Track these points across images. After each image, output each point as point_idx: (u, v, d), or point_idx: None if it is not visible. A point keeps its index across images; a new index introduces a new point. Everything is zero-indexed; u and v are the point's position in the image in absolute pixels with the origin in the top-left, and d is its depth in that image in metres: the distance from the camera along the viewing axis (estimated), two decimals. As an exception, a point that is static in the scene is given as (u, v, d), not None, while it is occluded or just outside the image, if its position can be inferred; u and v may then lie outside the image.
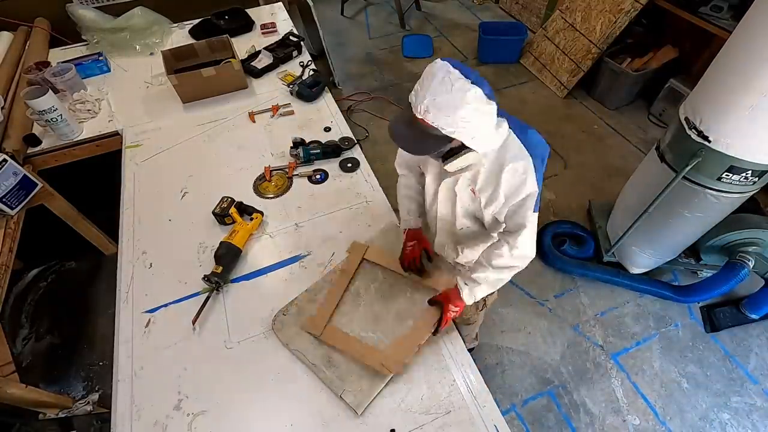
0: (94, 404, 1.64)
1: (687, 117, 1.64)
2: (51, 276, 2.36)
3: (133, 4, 2.33)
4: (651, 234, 2.03)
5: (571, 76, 3.37)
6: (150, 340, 1.22)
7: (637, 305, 2.24)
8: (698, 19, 2.62)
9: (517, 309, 2.23)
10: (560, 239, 2.41)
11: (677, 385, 1.97)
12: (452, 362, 1.14)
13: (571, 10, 3.36)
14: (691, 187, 1.71)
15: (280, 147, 1.74)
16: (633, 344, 2.10)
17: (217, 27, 2.37)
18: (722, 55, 1.52)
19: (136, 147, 1.79)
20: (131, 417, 1.08)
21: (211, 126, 1.86)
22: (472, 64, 3.85)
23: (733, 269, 1.90)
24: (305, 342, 1.17)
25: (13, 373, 1.46)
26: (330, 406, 1.07)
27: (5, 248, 1.50)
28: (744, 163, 1.51)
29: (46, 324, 2.17)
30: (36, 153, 1.79)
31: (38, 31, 2.36)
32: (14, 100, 1.90)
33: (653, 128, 3.18)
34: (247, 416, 1.08)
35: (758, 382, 1.97)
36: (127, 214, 1.54)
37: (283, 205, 1.55)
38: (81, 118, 1.90)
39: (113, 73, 2.19)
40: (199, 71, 1.89)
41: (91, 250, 2.30)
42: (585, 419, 1.88)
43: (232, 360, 1.17)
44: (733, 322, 2.13)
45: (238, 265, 1.37)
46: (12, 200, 1.57)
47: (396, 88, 3.62)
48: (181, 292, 1.31)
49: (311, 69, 2.13)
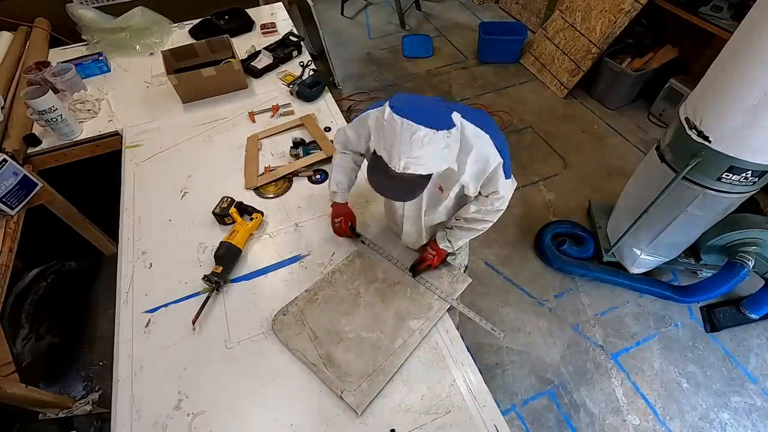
0: (94, 404, 1.64)
1: (687, 117, 1.64)
2: (51, 276, 2.35)
3: (133, 4, 2.32)
4: (651, 234, 2.03)
5: (571, 76, 3.37)
6: (150, 340, 1.21)
7: (637, 305, 2.24)
8: (698, 19, 2.62)
9: (517, 309, 2.23)
10: (560, 239, 2.42)
11: (677, 384, 1.97)
12: (452, 362, 1.14)
13: (571, 10, 3.36)
14: (691, 187, 1.71)
15: (280, 147, 1.74)
16: (633, 344, 2.10)
17: (217, 27, 2.37)
18: (722, 55, 1.52)
19: (136, 147, 1.78)
20: (131, 417, 1.08)
21: (211, 126, 1.86)
22: (472, 64, 3.86)
23: (733, 269, 1.90)
24: (305, 342, 1.17)
25: (13, 373, 1.46)
26: (330, 406, 1.07)
27: (5, 248, 1.50)
28: (744, 163, 1.51)
29: (46, 324, 2.17)
30: (36, 153, 1.79)
31: (38, 31, 2.36)
32: (14, 100, 1.90)
33: (653, 128, 3.18)
34: (247, 416, 1.08)
35: (758, 382, 1.97)
36: (127, 214, 1.54)
37: (283, 205, 1.55)
38: (81, 118, 1.90)
39: (113, 73, 2.19)
40: (199, 71, 1.88)
41: (91, 250, 2.30)
42: (585, 419, 1.88)
43: (232, 360, 1.17)
44: (733, 322, 2.13)
45: (238, 265, 1.37)
46: (12, 200, 1.57)
47: (396, 88, 3.62)
48: (181, 292, 1.31)
49: (311, 69, 2.13)
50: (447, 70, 3.81)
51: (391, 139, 0.83)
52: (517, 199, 2.72)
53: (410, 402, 1.07)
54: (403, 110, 0.81)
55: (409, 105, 0.84)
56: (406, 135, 0.81)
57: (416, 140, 0.80)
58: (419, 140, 0.80)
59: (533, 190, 2.78)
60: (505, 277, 2.36)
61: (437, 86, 3.64)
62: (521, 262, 2.43)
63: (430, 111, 0.84)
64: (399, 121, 0.80)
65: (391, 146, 0.84)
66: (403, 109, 0.82)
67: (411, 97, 0.89)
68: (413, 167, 0.84)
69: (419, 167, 0.84)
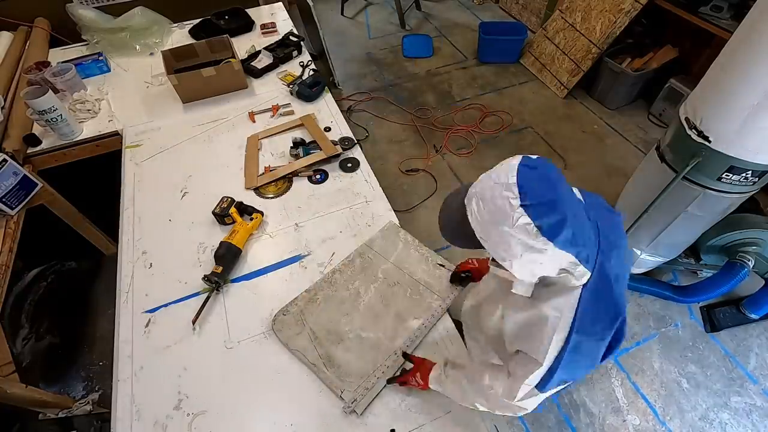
0: (94, 404, 1.63)
1: (687, 117, 1.64)
2: (51, 276, 2.35)
3: (133, 4, 2.32)
4: (651, 234, 2.03)
5: (571, 76, 3.37)
6: (150, 340, 1.21)
7: (637, 305, 2.24)
8: (698, 19, 2.62)
9: (517, 309, 2.23)
10: (560, 239, 2.41)
11: (677, 385, 1.97)
12: (452, 362, 1.14)
13: (571, 10, 3.36)
14: (691, 187, 1.71)
15: (280, 147, 1.74)
16: (633, 344, 2.10)
17: (217, 27, 2.37)
18: (722, 55, 1.52)
19: (136, 147, 1.78)
20: (131, 417, 1.08)
21: (211, 126, 1.86)
22: (472, 64, 3.86)
23: (733, 269, 1.90)
24: (305, 342, 1.17)
25: (13, 373, 1.46)
26: (330, 406, 1.07)
27: (5, 248, 1.50)
28: (744, 163, 1.51)
29: (46, 324, 2.17)
30: (36, 153, 1.79)
31: (38, 31, 2.36)
32: (14, 100, 1.90)
33: (653, 128, 3.18)
34: (247, 416, 1.08)
35: (758, 382, 1.97)
36: (127, 214, 1.54)
37: (283, 205, 1.55)
38: (81, 118, 1.90)
39: (113, 73, 2.19)
40: (199, 71, 1.88)
41: (91, 250, 2.30)
42: (585, 419, 1.88)
43: (232, 360, 1.17)
44: (733, 322, 2.13)
45: (238, 265, 1.37)
46: (12, 200, 1.57)
47: (396, 88, 3.62)
48: (181, 292, 1.31)
49: (311, 69, 2.13)
50: (447, 70, 3.81)
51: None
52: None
53: (410, 402, 1.07)
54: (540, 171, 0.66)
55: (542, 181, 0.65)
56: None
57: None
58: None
59: (533, 190, 2.77)
60: (505, 277, 2.36)
61: (437, 86, 3.64)
62: (521, 262, 2.42)
63: (552, 200, 0.64)
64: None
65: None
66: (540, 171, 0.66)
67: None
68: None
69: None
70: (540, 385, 0.76)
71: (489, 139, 3.13)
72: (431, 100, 3.51)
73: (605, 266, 0.72)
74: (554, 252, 0.64)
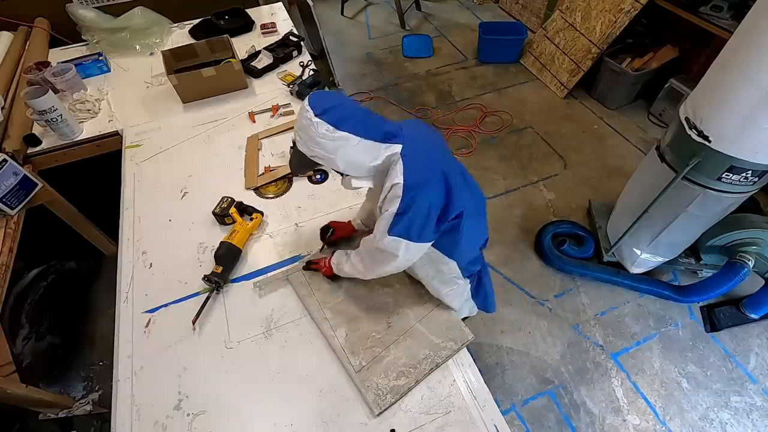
0: (94, 404, 1.64)
1: (687, 117, 1.64)
2: (51, 276, 2.36)
3: (133, 4, 2.32)
4: (651, 234, 2.03)
5: (571, 76, 3.37)
6: (150, 340, 1.22)
7: (637, 305, 2.24)
8: (698, 19, 2.62)
9: (517, 309, 2.23)
10: (560, 239, 2.42)
11: (677, 384, 1.97)
12: (452, 362, 1.14)
13: (571, 10, 3.37)
14: (691, 187, 1.71)
15: (281, 147, 1.74)
16: (633, 344, 2.10)
17: (217, 27, 2.37)
18: (722, 55, 1.52)
19: (136, 147, 1.78)
20: (131, 417, 1.08)
21: (211, 126, 1.86)
22: (472, 64, 3.86)
23: (733, 269, 1.90)
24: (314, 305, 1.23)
25: (13, 373, 1.46)
26: (330, 407, 1.07)
27: (5, 248, 1.50)
28: (744, 163, 1.51)
29: (46, 324, 2.17)
30: (36, 153, 1.79)
31: (38, 31, 2.36)
32: (14, 100, 1.90)
33: (653, 128, 3.18)
34: (247, 416, 1.08)
35: (758, 382, 1.97)
36: (127, 214, 1.54)
37: (283, 205, 1.55)
38: (81, 118, 1.90)
39: (113, 73, 2.19)
40: (199, 71, 1.88)
41: (91, 250, 2.30)
42: (585, 419, 1.88)
43: (232, 360, 1.17)
44: (733, 321, 2.13)
45: (238, 265, 1.37)
46: (12, 200, 1.57)
47: (396, 88, 3.62)
48: (181, 292, 1.31)
49: (311, 69, 2.13)
50: (447, 70, 3.81)
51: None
52: (517, 199, 2.72)
53: (410, 402, 1.07)
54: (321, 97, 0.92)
55: (321, 99, 0.92)
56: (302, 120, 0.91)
57: (305, 123, 0.90)
58: (308, 121, 0.90)
59: (533, 190, 2.77)
60: (505, 277, 2.36)
61: (437, 86, 3.64)
62: (521, 262, 2.43)
63: (335, 105, 0.90)
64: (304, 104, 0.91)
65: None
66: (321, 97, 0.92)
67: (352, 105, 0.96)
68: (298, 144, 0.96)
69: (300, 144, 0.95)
70: (390, 228, 0.96)
71: (489, 139, 3.13)
72: (431, 100, 3.51)
73: (413, 140, 0.97)
74: (357, 140, 0.91)
